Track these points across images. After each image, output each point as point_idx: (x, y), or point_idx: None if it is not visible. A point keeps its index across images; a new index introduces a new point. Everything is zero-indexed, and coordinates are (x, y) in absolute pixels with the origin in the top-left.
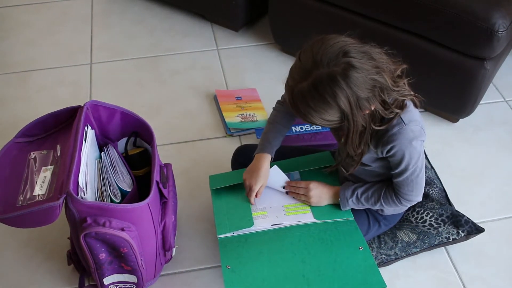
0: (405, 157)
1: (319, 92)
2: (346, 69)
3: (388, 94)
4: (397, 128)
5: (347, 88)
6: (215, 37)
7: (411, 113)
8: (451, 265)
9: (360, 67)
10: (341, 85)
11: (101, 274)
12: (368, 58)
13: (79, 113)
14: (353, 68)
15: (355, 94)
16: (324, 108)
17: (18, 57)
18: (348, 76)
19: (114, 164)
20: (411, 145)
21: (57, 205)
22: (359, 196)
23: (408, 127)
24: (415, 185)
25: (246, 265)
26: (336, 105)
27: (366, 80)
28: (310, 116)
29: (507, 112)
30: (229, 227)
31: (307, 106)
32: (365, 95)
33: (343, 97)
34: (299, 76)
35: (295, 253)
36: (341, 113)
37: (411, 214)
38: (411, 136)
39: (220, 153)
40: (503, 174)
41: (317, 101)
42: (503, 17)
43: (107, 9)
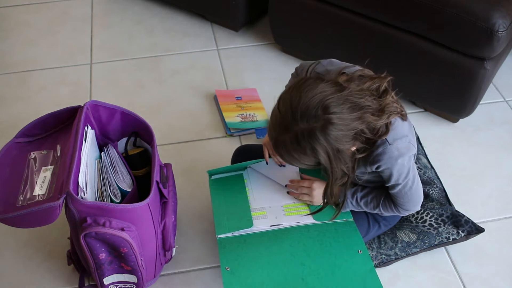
0: (393, 175)
1: (301, 146)
2: (325, 126)
3: (370, 130)
4: (381, 149)
5: (327, 143)
6: (215, 37)
7: (396, 131)
8: (451, 265)
9: (340, 122)
10: (321, 141)
11: (101, 274)
12: (348, 108)
13: (79, 113)
14: (332, 125)
15: (335, 148)
16: (306, 159)
17: (18, 57)
18: (327, 134)
19: (114, 164)
20: (397, 163)
21: (57, 205)
22: (359, 200)
23: (393, 146)
24: (410, 196)
25: (245, 267)
26: (315, 158)
27: (346, 133)
28: (294, 162)
29: (507, 112)
30: (228, 227)
31: (290, 156)
32: (345, 146)
33: (322, 152)
34: (280, 129)
35: (294, 255)
36: (319, 163)
37: (411, 214)
38: (396, 154)
39: (220, 153)
40: (503, 174)
41: (299, 152)
42: (503, 17)
43: (107, 9)
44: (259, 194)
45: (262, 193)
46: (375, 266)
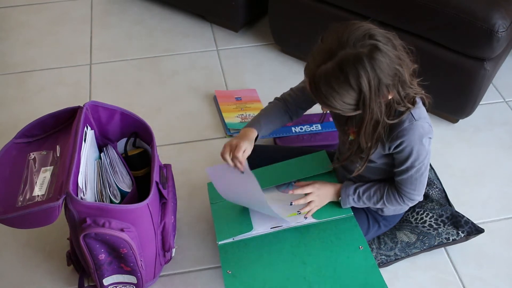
0: (412, 154)
1: (344, 72)
2: (372, 51)
3: (404, 88)
4: (407, 123)
5: (371, 70)
6: (215, 38)
7: (421, 110)
8: (451, 266)
9: (385, 51)
10: (365, 66)
11: (101, 275)
12: (392, 46)
13: (79, 114)
14: (379, 51)
15: (377, 77)
16: (346, 89)
17: (18, 57)
18: (374, 58)
19: (113, 165)
20: (420, 142)
21: (56, 205)
22: (361, 194)
23: (419, 123)
24: (418, 184)
25: (247, 269)
26: (358, 87)
27: (389, 65)
28: (331, 98)
29: (507, 113)
30: (229, 233)
31: (330, 87)
32: (386, 81)
33: (366, 79)
34: (323, 57)
35: (295, 254)
36: (359, 97)
37: (411, 215)
38: (421, 132)
39: (219, 154)
40: (503, 174)
41: (340, 82)
42: (503, 17)
43: (106, 10)
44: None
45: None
46: None
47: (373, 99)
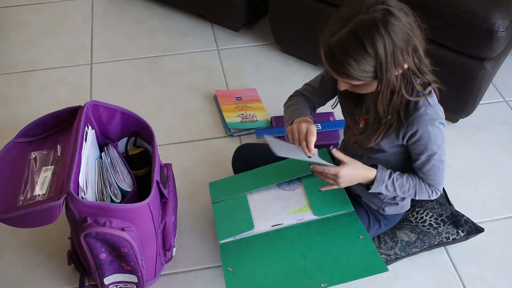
0: (430, 140)
1: (358, 37)
2: (385, 15)
3: (419, 60)
4: (423, 109)
5: (385, 34)
6: (215, 37)
7: (435, 98)
8: (451, 265)
9: (398, 16)
10: (380, 30)
11: (102, 274)
12: (404, 13)
13: (80, 113)
14: (392, 16)
15: (392, 41)
16: (363, 55)
17: (19, 57)
18: (388, 22)
19: (114, 164)
20: (436, 128)
21: (57, 205)
22: (395, 180)
23: (433, 109)
24: (441, 172)
25: (247, 265)
26: (373, 51)
27: (403, 30)
28: (348, 66)
29: (507, 112)
30: (230, 232)
31: (346, 54)
32: (401, 45)
33: (381, 43)
34: (338, 26)
35: (295, 249)
36: (376, 62)
37: (411, 214)
38: (436, 117)
39: (220, 153)
40: (503, 174)
41: (355, 47)
42: (503, 17)
43: (107, 10)
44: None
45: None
46: None
47: (389, 63)
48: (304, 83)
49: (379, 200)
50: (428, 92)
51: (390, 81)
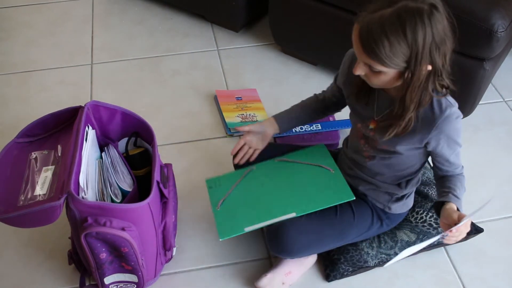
0: (459, 135)
1: (402, 20)
2: (432, 9)
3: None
4: (449, 110)
5: (428, 26)
6: (215, 38)
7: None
8: (451, 265)
9: (442, 15)
10: (424, 20)
11: (102, 274)
12: (447, 15)
13: (80, 113)
14: (438, 12)
15: (432, 36)
16: (400, 39)
17: (19, 57)
18: (433, 16)
19: (114, 164)
20: (460, 123)
21: (58, 205)
22: (458, 194)
23: (455, 107)
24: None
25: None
26: (412, 38)
27: (443, 29)
28: (381, 45)
29: (506, 112)
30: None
31: (383, 32)
32: (437, 43)
33: (422, 33)
34: (382, 4)
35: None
36: (410, 52)
37: (410, 215)
38: (459, 114)
39: (220, 153)
40: (503, 174)
41: (395, 28)
42: (502, 17)
43: (107, 10)
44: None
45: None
46: (375, 266)
47: (424, 56)
48: (303, 83)
49: (385, 199)
50: (446, 92)
51: (421, 75)
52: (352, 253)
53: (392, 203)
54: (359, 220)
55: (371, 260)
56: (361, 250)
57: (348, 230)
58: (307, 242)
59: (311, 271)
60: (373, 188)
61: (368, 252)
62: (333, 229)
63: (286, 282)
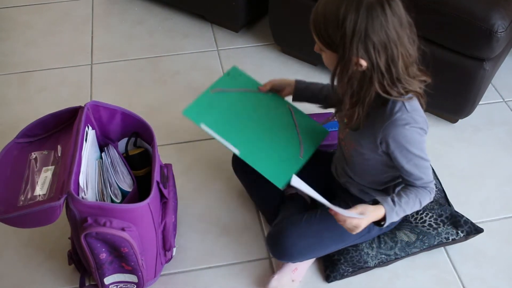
0: (409, 141)
1: (341, 2)
2: (377, 5)
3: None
4: (399, 114)
5: (362, 15)
6: (215, 38)
7: (416, 105)
8: (451, 265)
9: (387, 16)
10: (360, 9)
11: (102, 274)
12: (400, 23)
13: (80, 114)
14: (382, 10)
15: (365, 28)
16: (332, 19)
17: (19, 57)
18: (374, 9)
19: (114, 164)
20: (413, 131)
21: (58, 205)
22: (399, 202)
23: (410, 114)
24: (426, 169)
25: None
26: (342, 21)
27: (384, 30)
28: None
29: (506, 113)
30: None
31: (324, 9)
32: (374, 41)
33: (353, 19)
34: None
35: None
36: (338, 38)
37: (410, 215)
38: (411, 121)
39: (220, 153)
40: (502, 174)
41: (334, 8)
42: (502, 18)
43: (107, 10)
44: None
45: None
46: (375, 266)
47: (353, 45)
48: None
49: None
50: (408, 98)
51: (350, 65)
52: (352, 253)
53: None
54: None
55: (371, 261)
56: (361, 251)
57: (348, 233)
58: (307, 246)
59: (311, 271)
60: (364, 192)
61: (368, 253)
62: (332, 232)
63: (296, 279)
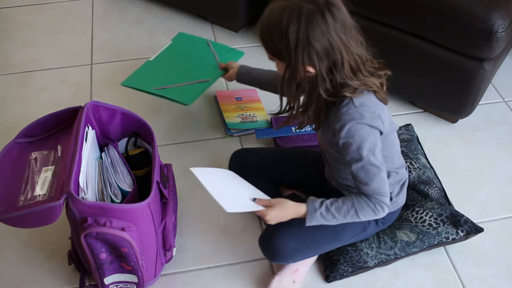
0: (354, 138)
1: (284, 13)
2: (317, 12)
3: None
4: (345, 108)
5: (303, 25)
6: (215, 38)
7: (366, 99)
8: (451, 265)
9: (329, 23)
10: (301, 19)
11: (102, 274)
12: (341, 25)
13: (80, 114)
14: (322, 17)
15: (307, 37)
16: (276, 30)
17: (19, 57)
18: (314, 18)
19: (114, 164)
20: (359, 127)
21: (57, 205)
22: (329, 205)
23: (357, 110)
24: (376, 178)
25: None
26: (285, 32)
27: (326, 38)
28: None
29: (506, 113)
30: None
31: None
32: (317, 49)
33: (295, 30)
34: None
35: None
36: (283, 47)
37: (410, 214)
38: (358, 117)
39: (220, 153)
40: (502, 174)
41: (277, 20)
42: (502, 18)
43: (107, 10)
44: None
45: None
46: (374, 266)
47: (298, 54)
48: None
49: None
50: (358, 93)
51: (297, 73)
52: (352, 253)
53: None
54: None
55: (371, 261)
56: (361, 251)
57: (342, 231)
58: (299, 246)
59: (311, 271)
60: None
61: (368, 253)
62: (325, 231)
63: (297, 280)
